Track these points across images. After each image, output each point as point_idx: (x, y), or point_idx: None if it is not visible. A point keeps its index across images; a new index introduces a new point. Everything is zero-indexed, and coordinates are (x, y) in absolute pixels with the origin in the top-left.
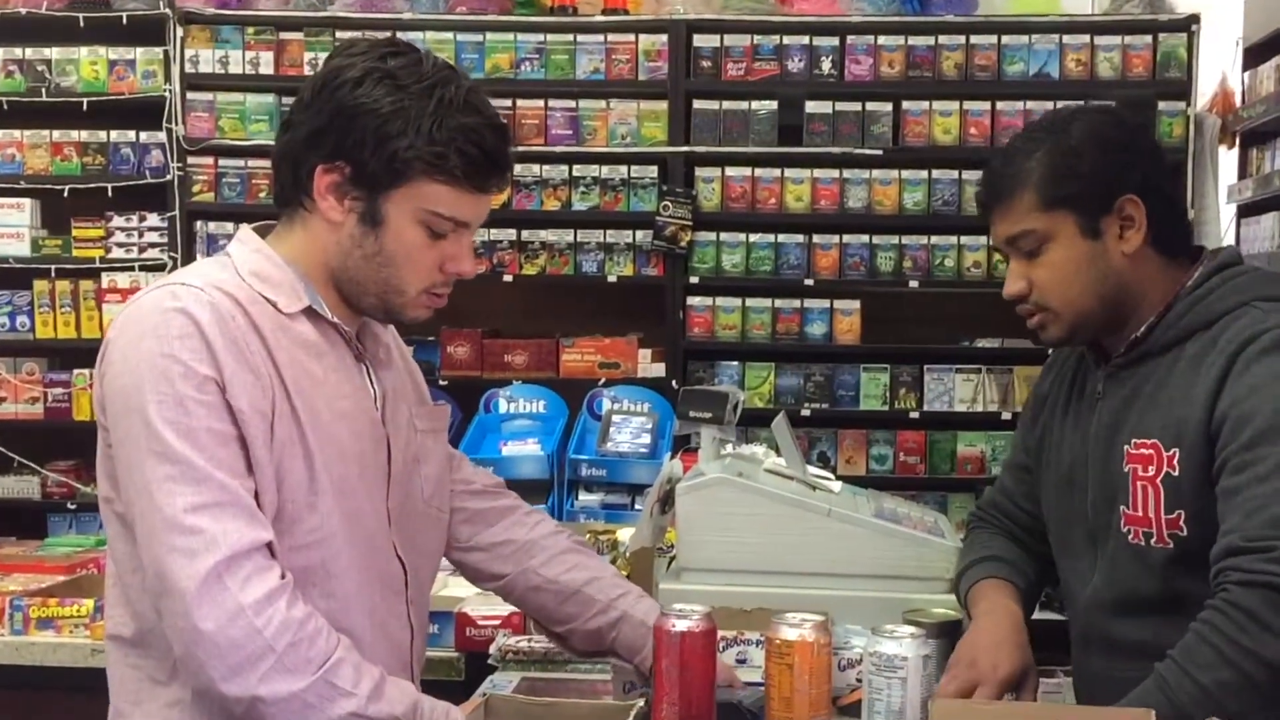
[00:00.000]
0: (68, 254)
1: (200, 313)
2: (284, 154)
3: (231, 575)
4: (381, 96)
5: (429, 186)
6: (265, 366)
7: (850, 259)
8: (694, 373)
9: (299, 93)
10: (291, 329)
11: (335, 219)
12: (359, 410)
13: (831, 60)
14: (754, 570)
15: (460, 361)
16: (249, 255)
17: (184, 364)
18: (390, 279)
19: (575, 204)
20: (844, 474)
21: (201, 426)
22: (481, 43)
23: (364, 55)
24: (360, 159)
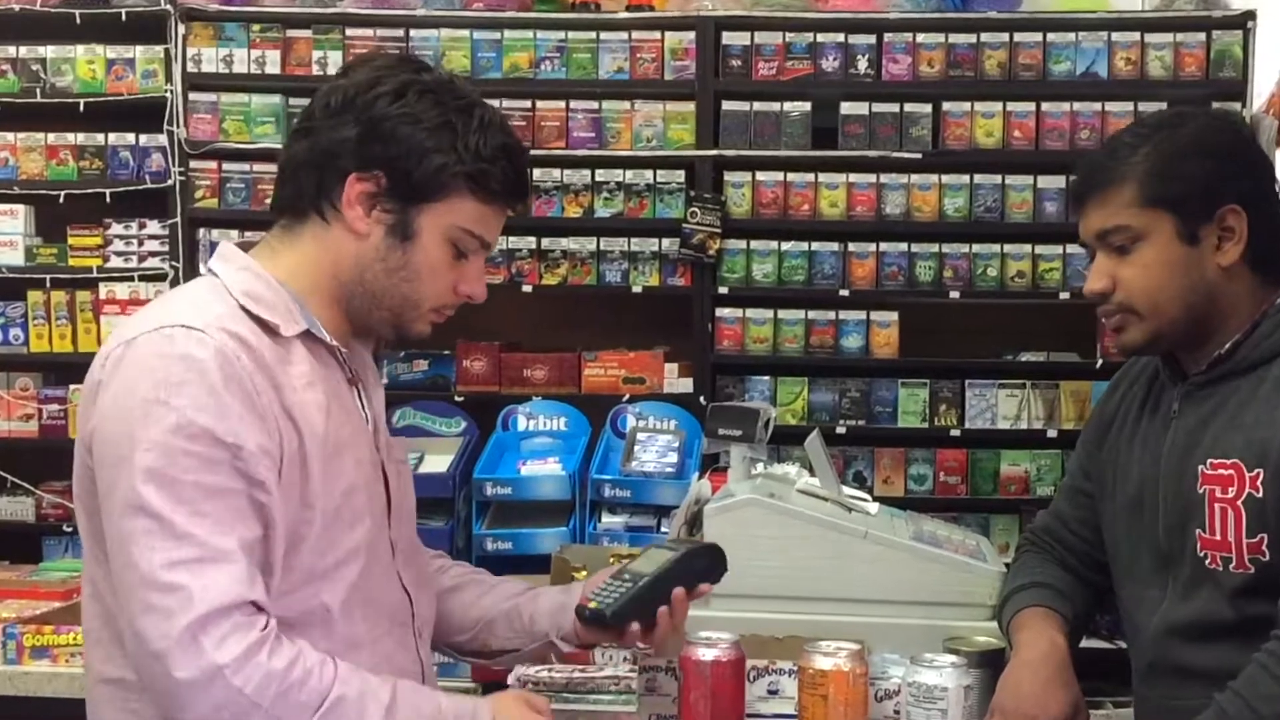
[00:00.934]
0: (63, 263)
1: (202, 357)
2: (304, 161)
3: (207, 634)
4: (426, 109)
5: (465, 203)
6: (273, 407)
7: (888, 268)
8: (723, 388)
9: (320, 99)
10: (290, 358)
11: (360, 230)
12: (357, 438)
13: (868, 59)
14: (786, 596)
15: (477, 376)
16: (238, 275)
17: (179, 413)
18: (410, 294)
19: (598, 210)
20: (881, 495)
21: (189, 480)
22: (499, 41)
23: (394, 68)
24: (401, 170)
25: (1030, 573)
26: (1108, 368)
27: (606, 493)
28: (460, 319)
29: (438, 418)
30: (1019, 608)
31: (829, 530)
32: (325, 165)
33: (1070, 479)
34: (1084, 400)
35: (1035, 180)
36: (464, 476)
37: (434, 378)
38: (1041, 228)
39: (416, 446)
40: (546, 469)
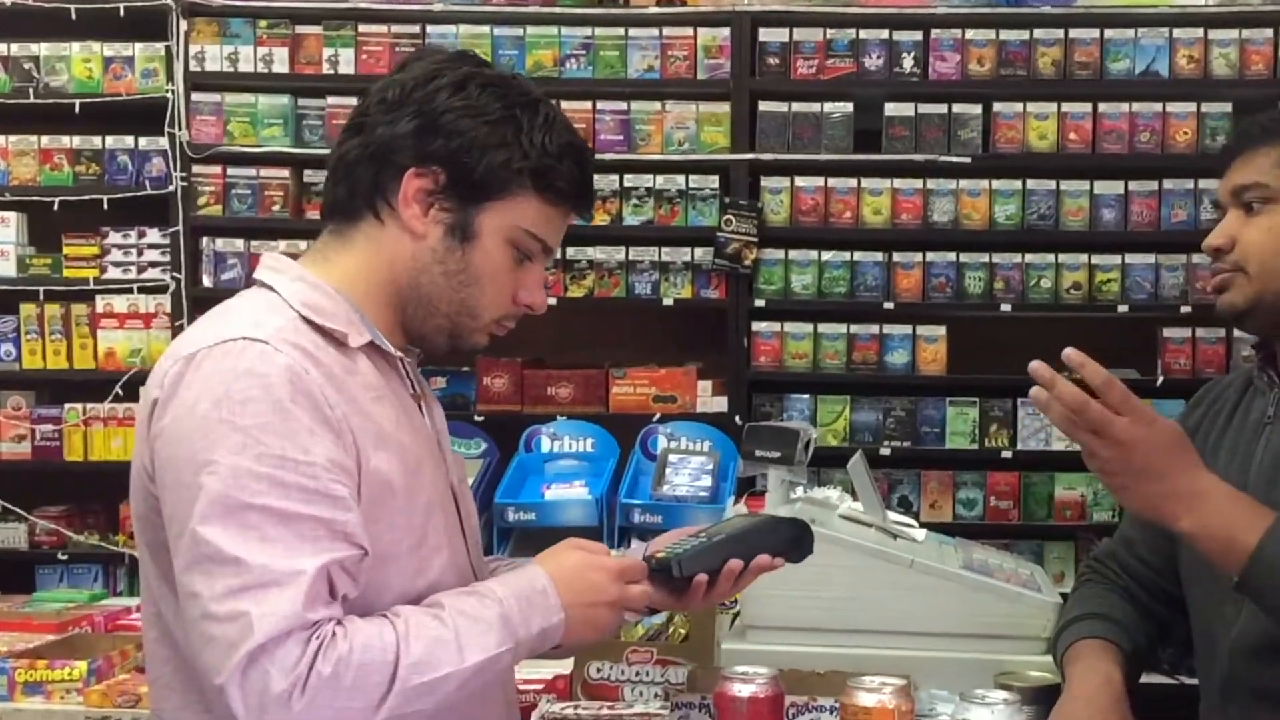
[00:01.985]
0: (58, 274)
1: (268, 371)
2: (358, 158)
3: (266, 664)
4: (489, 103)
5: (529, 202)
6: (347, 421)
7: (935, 280)
8: (760, 407)
9: (375, 94)
10: (356, 370)
11: (418, 229)
12: (429, 455)
13: (914, 57)
14: (827, 628)
15: (499, 394)
16: (293, 286)
17: (245, 433)
18: (468, 300)
19: (627, 218)
20: (928, 520)
21: (257, 504)
22: (521, 38)
23: (454, 62)
24: (462, 165)
25: (1088, 603)
26: (1169, 385)
27: (636, 518)
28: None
29: (456, 439)
30: (1073, 640)
31: (873, 558)
32: (381, 161)
33: None
34: None
35: (1091, 186)
36: (484, 501)
37: (453, 396)
38: (1098, 236)
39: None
40: (572, 493)
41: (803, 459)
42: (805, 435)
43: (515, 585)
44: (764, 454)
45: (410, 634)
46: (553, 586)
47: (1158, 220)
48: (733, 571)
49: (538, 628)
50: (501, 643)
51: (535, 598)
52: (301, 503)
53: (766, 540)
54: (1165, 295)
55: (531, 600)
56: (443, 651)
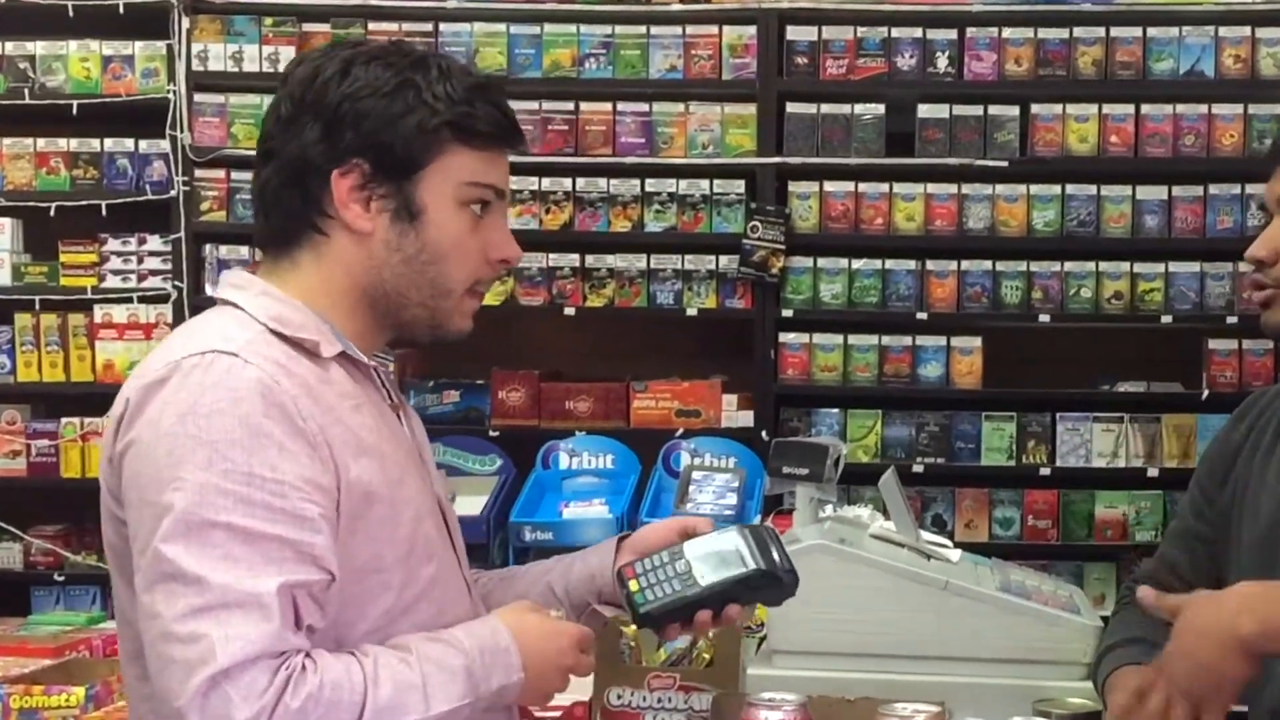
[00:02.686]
0: (54, 283)
1: (240, 386)
2: (281, 183)
3: (228, 690)
4: (379, 75)
5: (460, 156)
6: (321, 434)
7: (970, 289)
8: (787, 422)
9: (269, 117)
10: (331, 380)
11: (364, 227)
12: (410, 466)
13: (949, 56)
14: (858, 653)
15: (514, 408)
16: (259, 300)
17: (212, 447)
18: (437, 278)
19: (649, 224)
20: (962, 540)
21: (221, 521)
22: (539, 36)
23: (330, 52)
24: (379, 147)
25: (1130, 627)
26: (1214, 399)
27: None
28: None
29: (470, 455)
30: (1115, 666)
31: (906, 580)
32: (303, 177)
33: (1181, 521)
34: (1188, 435)
35: (1134, 191)
36: (499, 520)
37: (466, 410)
38: (1141, 243)
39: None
40: (591, 511)
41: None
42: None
43: (480, 637)
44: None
45: (379, 676)
46: (515, 645)
47: (1203, 227)
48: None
49: (497, 684)
50: (464, 695)
51: (499, 654)
52: (267, 522)
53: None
54: (1210, 305)
55: (495, 655)
56: (410, 697)
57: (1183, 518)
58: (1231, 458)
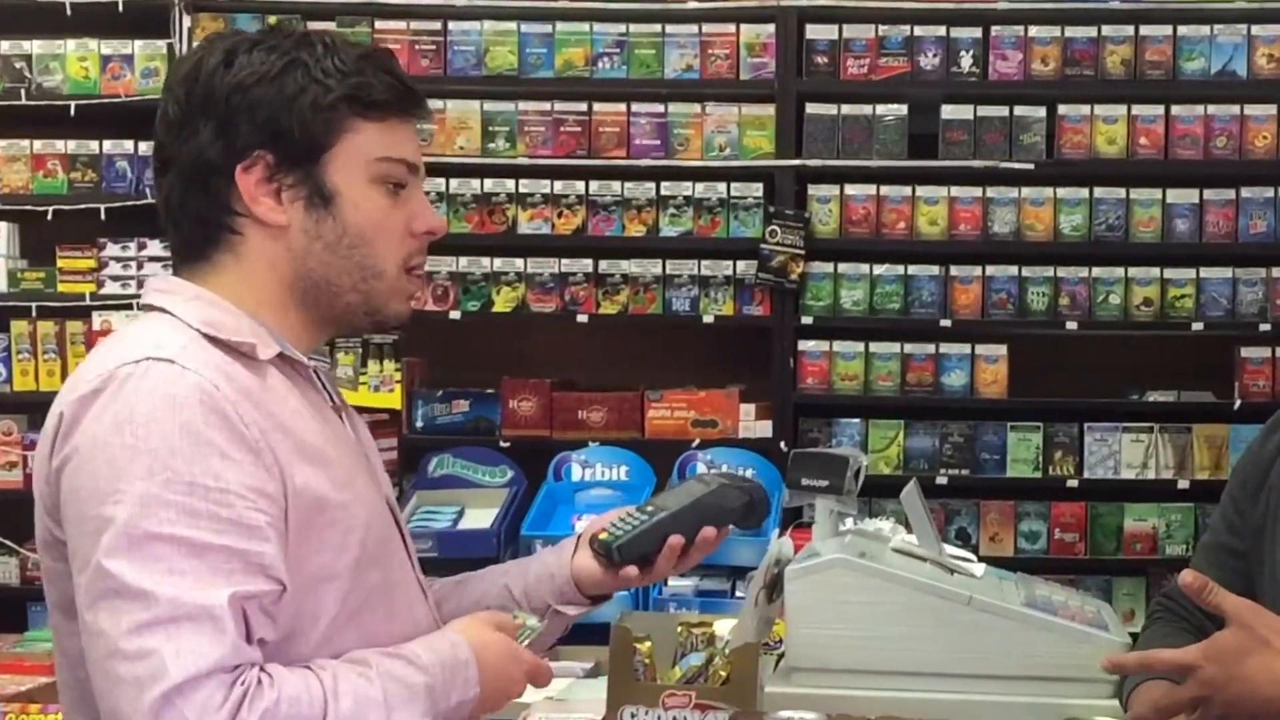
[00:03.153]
0: (51, 289)
1: (179, 393)
2: (185, 191)
3: (182, 706)
4: (263, 60)
5: (363, 133)
6: (264, 440)
7: (995, 295)
8: (807, 432)
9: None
10: (269, 385)
11: (279, 220)
12: (358, 469)
13: (973, 56)
14: (879, 670)
15: (526, 419)
16: (190, 305)
17: (152, 456)
18: (365, 260)
19: (664, 229)
20: (987, 554)
21: (165, 534)
22: (551, 35)
23: (209, 46)
24: (277, 134)
25: (1159, 643)
26: (1247, 409)
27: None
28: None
29: (480, 466)
30: (1143, 682)
31: (928, 595)
32: (205, 180)
33: (1212, 535)
34: (1220, 446)
35: (1164, 194)
36: (510, 533)
37: (476, 420)
38: (1171, 249)
39: (456, 499)
40: None
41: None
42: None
43: (440, 653)
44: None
45: (339, 690)
46: (474, 661)
47: (1235, 231)
48: (674, 549)
49: (455, 700)
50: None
51: (458, 669)
52: (213, 532)
53: (712, 511)
54: (1243, 312)
55: (455, 671)
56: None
57: (1214, 531)
58: (1265, 470)
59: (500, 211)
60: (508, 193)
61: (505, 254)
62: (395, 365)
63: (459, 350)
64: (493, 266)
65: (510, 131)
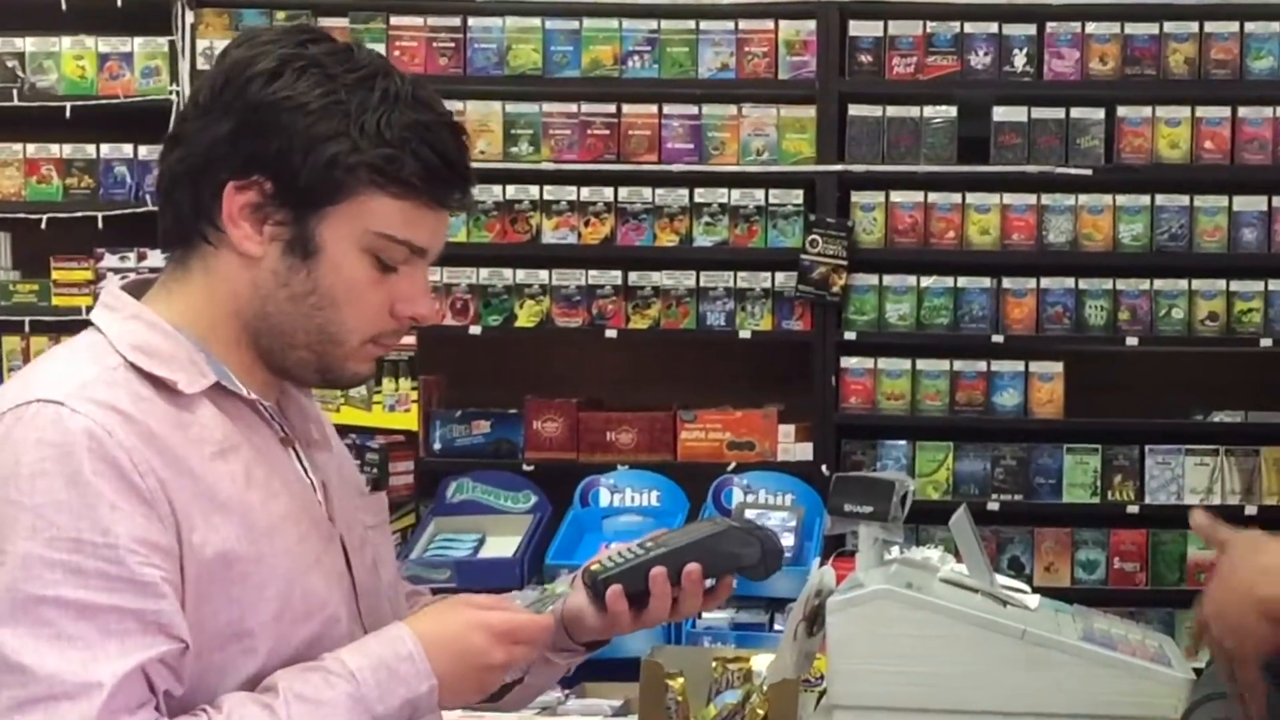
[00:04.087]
0: (45, 302)
1: (65, 440)
2: (177, 175)
3: None
4: (309, 89)
5: (376, 201)
6: (162, 489)
7: (1050, 309)
8: (850, 455)
9: (193, 94)
10: (194, 422)
11: (252, 251)
12: (300, 509)
13: (1027, 54)
14: (926, 708)
15: (550, 440)
16: (126, 326)
17: (34, 513)
18: (327, 325)
19: (698, 238)
20: (1042, 585)
21: (49, 596)
22: (577, 31)
23: (275, 42)
24: (286, 170)
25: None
26: None
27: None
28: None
29: (502, 491)
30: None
31: (979, 628)
32: (200, 176)
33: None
34: None
35: (1230, 201)
36: (534, 563)
37: (497, 442)
38: (1238, 259)
39: (476, 526)
40: None
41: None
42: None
43: (375, 653)
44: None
45: None
46: (420, 650)
47: None
48: (662, 587)
49: (400, 699)
50: None
51: (399, 665)
52: (103, 591)
53: (712, 555)
54: None
55: (394, 670)
56: None
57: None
58: None
59: (523, 220)
60: (531, 200)
61: (529, 265)
62: (411, 384)
63: (479, 368)
64: (515, 279)
65: (534, 135)
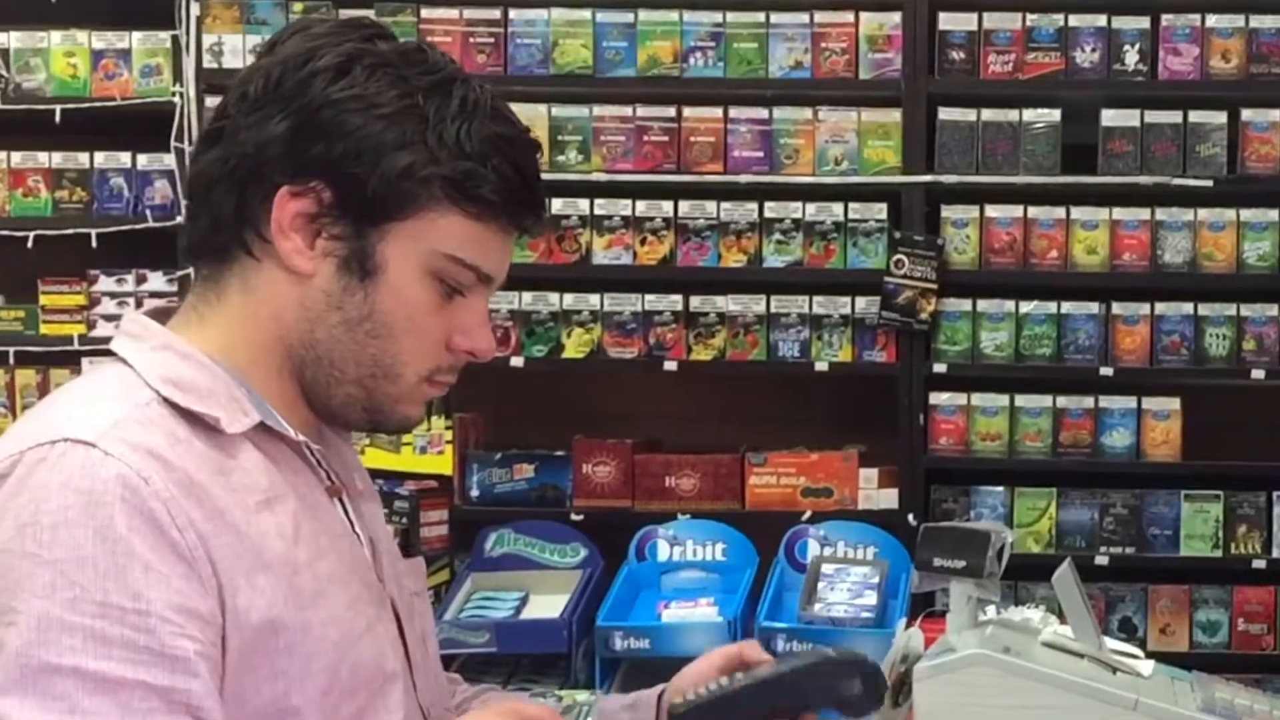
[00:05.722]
0: (33, 331)
1: (95, 488)
2: (217, 176)
3: None
4: (383, 89)
5: (447, 219)
6: (202, 546)
7: (1166, 338)
8: (940, 503)
9: (236, 88)
10: (236, 468)
11: (301, 267)
12: (348, 569)
13: (1139, 50)
14: None
15: (602, 486)
16: (156, 357)
17: (55, 569)
18: (381, 356)
19: (768, 259)
20: (1156, 649)
21: (67, 666)
22: (633, 25)
23: (337, 35)
24: (350, 177)
25: None
26: None
27: (780, 646)
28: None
29: (547, 543)
30: None
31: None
32: (246, 178)
33: None
34: None
35: None
36: (583, 624)
37: (542, 488)
38: None
39: (518, 583)
40: (697, 614)
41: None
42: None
43: None
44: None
45: None
46: None
47: None
48: None
49: None
50: None
51: None
52: (127, 663)
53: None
54: None
55: None
56: None
57: None
58: None
59: (571, 238)
60: (580, 215)
61: (577, 288)
62: (445, 422)
63: (522, 404)
64: (562, 304)
65: (583, 141)
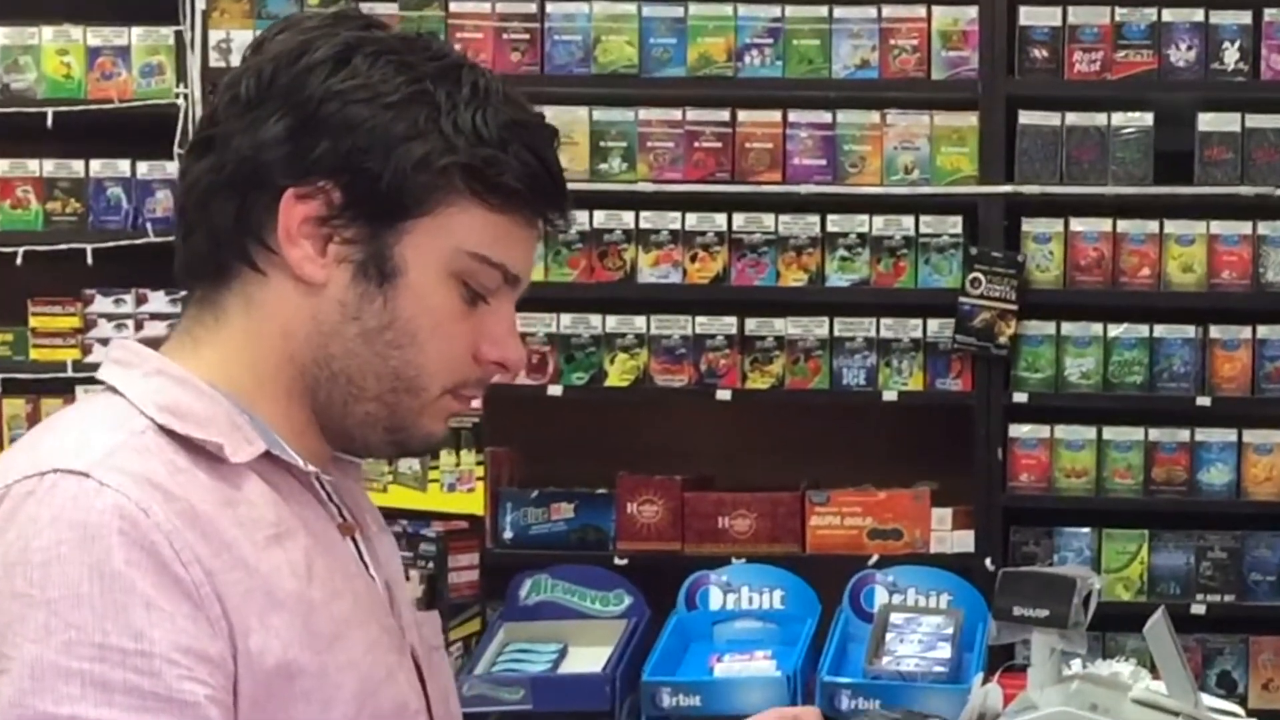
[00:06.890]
0: (23, 356)
1: (90, 520)
2: (213, 186)
3: None
4: (388, 77)
5: (468, 213)
6: (209, 583)
7: (1269, 364)
8: (1020, 546)
9: (224, 92)
10: (241, 499)
11: (313, 276)
12: (365, 612)
13: (1239, 48)
14: None
15: (649, 528)
16: (151, 385)
17: (50, 609)
18: (404, 368)
19: (831, 277)
20: (1258, 707)
21: (64, 715)
22: (682, 20)
23: (331, 26)
24: (361, 174)
25: None
26: None
27: (845, 703)
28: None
29: (589, 590)
30: None
31: None
32: (246, 185)
33: None
34: None
35: None
36: (629, 679)
37: (583, 530)
38: None
39: (557, 634)
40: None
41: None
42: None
43: None
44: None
45: None
46: None
47: None
48: None
49: None
50: None
51: None
52: (130, 710)
53: None
54: None
55: None
56: None
57: None
58: None
59: (615, 254)
60: (624, 229)
61: (621, 310)
62: (476, 457)
63: (560, 437)
64: (605, 327)
65: (628, 148)
